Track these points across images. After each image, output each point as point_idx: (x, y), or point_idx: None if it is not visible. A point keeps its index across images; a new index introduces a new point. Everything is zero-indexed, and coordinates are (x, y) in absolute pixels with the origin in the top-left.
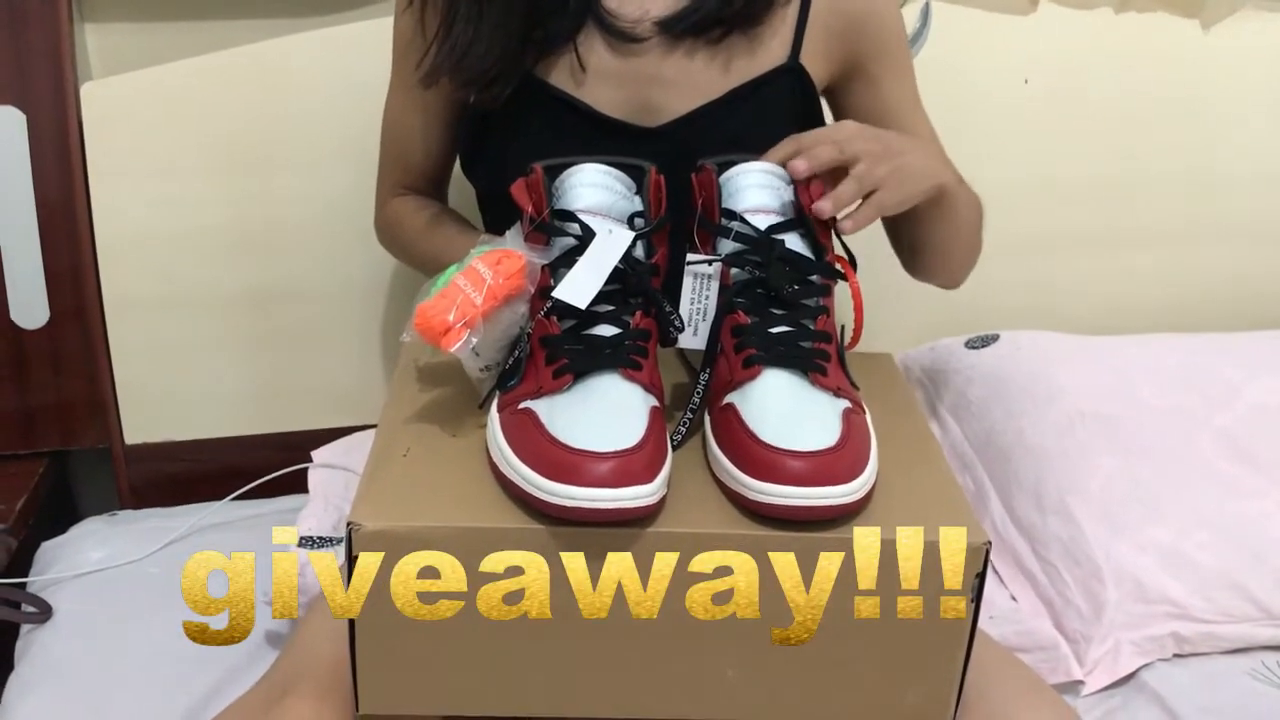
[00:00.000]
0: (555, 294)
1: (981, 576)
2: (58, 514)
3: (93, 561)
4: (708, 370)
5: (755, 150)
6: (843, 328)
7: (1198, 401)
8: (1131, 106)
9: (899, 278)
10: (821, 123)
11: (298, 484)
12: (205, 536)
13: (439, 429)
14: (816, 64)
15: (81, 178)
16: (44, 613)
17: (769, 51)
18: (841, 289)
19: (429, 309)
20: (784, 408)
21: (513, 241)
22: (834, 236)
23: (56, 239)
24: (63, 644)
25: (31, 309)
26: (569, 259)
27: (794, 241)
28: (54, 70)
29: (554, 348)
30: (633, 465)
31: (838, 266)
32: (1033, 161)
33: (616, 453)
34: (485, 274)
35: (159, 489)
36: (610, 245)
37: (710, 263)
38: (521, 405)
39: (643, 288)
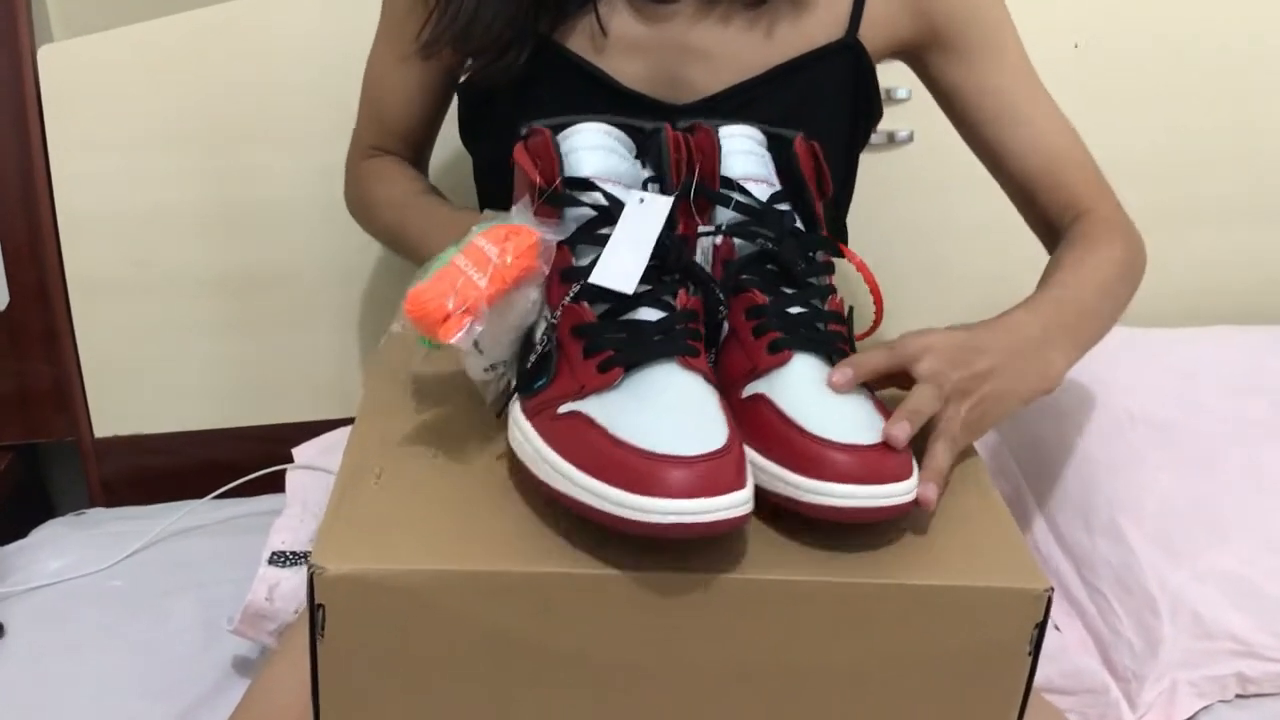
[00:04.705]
0: (595, 279)
1: (1041, 626)
2: (29, 511)
3: (50, 572)
4: (713, 353)
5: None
6: (850, 309)
7: (1266, 406)
8: (1190, 74)
9: (926, 256)
10: (878, 108)
11: (281, 480)
12: (173, 543)
13: (418, 444)
14: (878, 39)
15: (40, 149)
16: None
17: (820, 23)
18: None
19: (423, 293)
20: (822, 396)
21: (519, 217)
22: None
23: (14, 215)
24: (12, 669)
25: None
26: (589, 234)
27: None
28: (9, 31)
29: (593, 337)
30: (725, 469)
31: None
32: (1081, 132)
33: (704, 455)
34: (491, 253)
35: (132, 485)
36: (646, 216)
37: (711, 234)
38: (564, 409)
39: (683, 262)
